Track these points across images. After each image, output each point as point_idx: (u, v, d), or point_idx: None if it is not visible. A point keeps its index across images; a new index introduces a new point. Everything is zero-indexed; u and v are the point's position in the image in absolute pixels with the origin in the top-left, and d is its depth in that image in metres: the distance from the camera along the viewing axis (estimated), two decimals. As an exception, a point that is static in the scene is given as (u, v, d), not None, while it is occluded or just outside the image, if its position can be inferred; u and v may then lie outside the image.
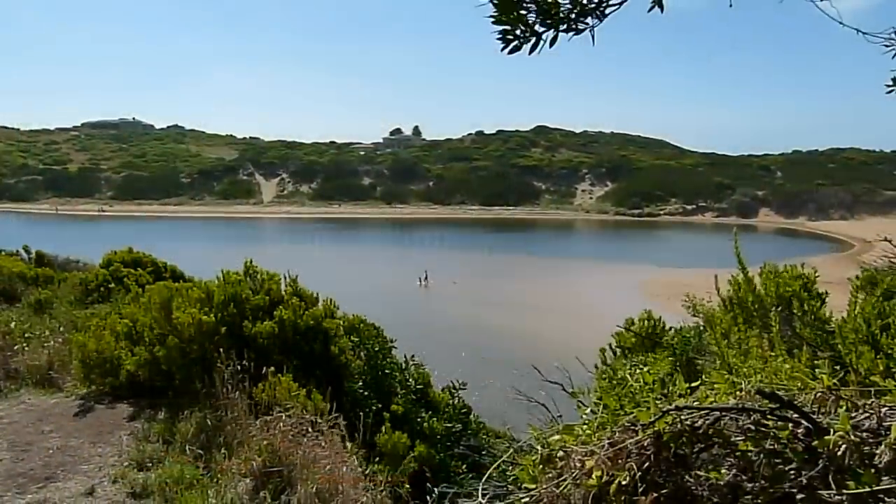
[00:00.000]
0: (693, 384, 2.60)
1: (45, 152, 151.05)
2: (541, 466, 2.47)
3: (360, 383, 7.29)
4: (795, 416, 2.24)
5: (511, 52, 2.57)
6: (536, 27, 2.59)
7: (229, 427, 5.68)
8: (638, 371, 3.27)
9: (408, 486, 5.74)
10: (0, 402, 6.88)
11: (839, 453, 2.07)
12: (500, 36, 2.61)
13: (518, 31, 2.59)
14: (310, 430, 5.36)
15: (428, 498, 3.69)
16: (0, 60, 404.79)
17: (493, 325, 42.25)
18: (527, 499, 2.41)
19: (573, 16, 2.59)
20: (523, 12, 2.57)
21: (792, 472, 2.15)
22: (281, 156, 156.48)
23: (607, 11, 2.62)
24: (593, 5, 2.61)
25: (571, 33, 2.62)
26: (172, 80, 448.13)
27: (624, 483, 2.21)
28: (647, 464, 2.26)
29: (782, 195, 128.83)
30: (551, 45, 2.60)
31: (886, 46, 3.26)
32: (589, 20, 2.62)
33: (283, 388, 5.89)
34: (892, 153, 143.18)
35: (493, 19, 2.60)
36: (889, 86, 3.46)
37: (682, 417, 2.31)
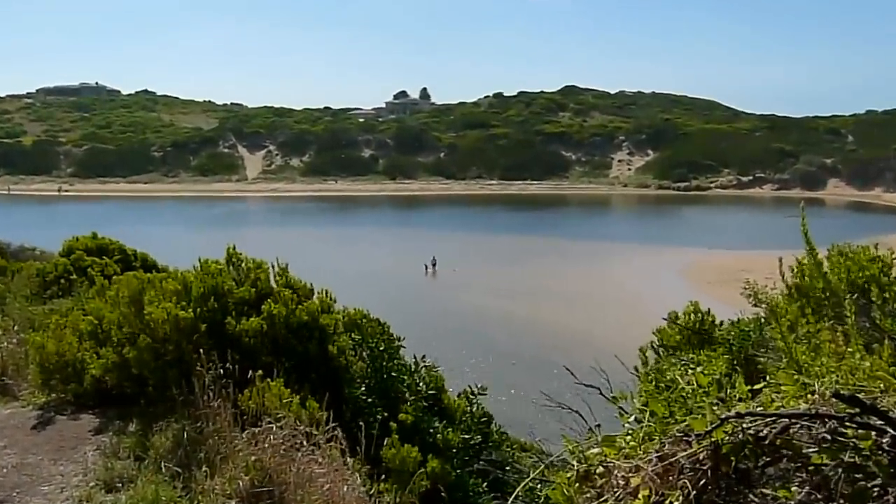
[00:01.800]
0: (755, 386, 2.59)
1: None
2: (577, 484, 2.45)
3: (363, 388, 7.31)
4: (879, 422, 2.21)
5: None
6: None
7: (211, 440, 5.68)
8: (690, 372, 3.24)
9: (419, 507, 5.75)
10: (-54, 414, 7.00)
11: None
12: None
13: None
14: (304, 443, 5.35)
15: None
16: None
17: (517, 319, 42.50)
18: (560, 523, 2.38)
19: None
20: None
21: (875, 489, 2.12)
22: (268, 125, 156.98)
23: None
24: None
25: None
26: (141, 39, 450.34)
27: (676, 504, 2.22)
28: (702, 481, 2.25)
29: (854, 163, 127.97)
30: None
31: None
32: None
33: (274, 394, 5.90)
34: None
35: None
36: None
37: (744, 426, 2.29)
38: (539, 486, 2.88)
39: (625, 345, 6.95)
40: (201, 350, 6.20)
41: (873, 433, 2.19)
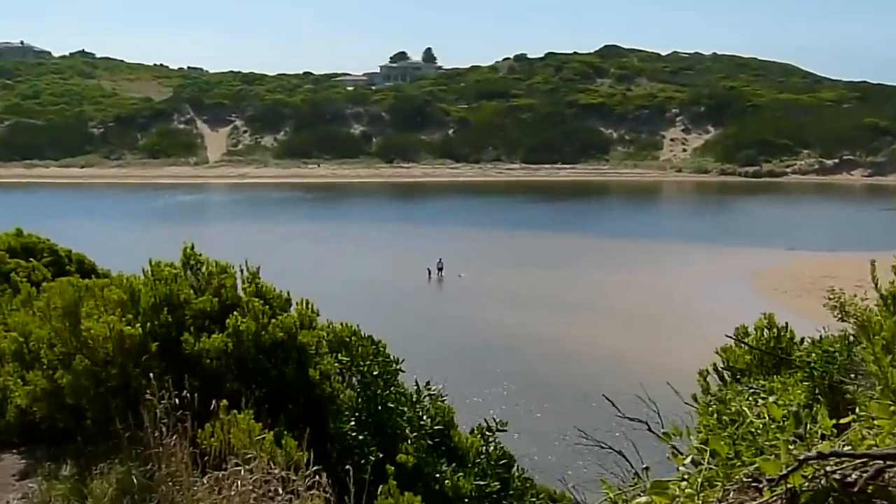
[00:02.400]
0: (842, 420, 2.61)
1: None
2: (619, 542, 2.46)
3: (353, 423, 7.24)
4: None
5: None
6: None
7: (164, 487, 5.62)
8: (761, 402, 3.24)
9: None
10: None
11: None
12: None
13: None
14: (280, 490, 5.34)
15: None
16: None
17: (543, 337, 42.57)
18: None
19: None
20: None
21: None
22: (233, 94, 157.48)
23: None
24: None
25: None
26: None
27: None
28: (776, 537, 2.25)
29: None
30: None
31: None
32: None
33: (242, 429, 5.88)
34: None
35: None
36: None
37: (828, 469, 2.29)
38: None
39: (679, 368, 6.96)
40: (152, 374, 6.17)
41: None
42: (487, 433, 8.31)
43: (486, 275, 58.79)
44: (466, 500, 7.29)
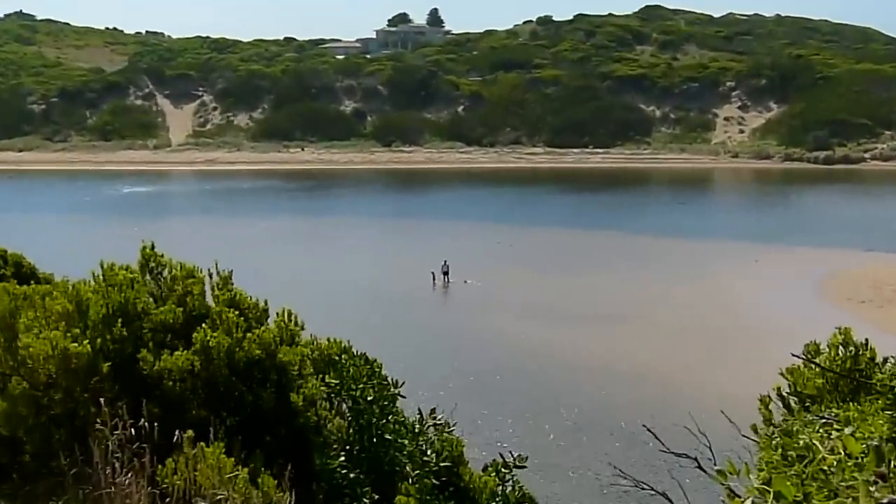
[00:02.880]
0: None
1: None
2: None
3: (343, 458, 7.24)
4: None
5: None
6: None
7: (117, 534, 5.65)
8: (834, 434, 3.22)
9: None
10: None
11: None
12: None
13: None
14: (257, 538, 5.31)
15: None
16: None
17: (570, 355, 42.43)
18: None
19: None
20: None
21: None
22: (200, 64, 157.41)
23: None
24: None
25: None
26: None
27: None
28: None
29: None
30: None
31: None
32: None
33: (210, 465, 5.88)
34: None
35: None
36: None
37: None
38: None
39: (736, 394, 6.95)
40: (102, 400, 6.18)
41: None
42: (504, 470, 8.29)
43: (502, 280, 58.53)
44: (479, 550, 7.27)
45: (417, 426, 8.00)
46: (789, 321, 41.87)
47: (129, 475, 5.91)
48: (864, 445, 2.93)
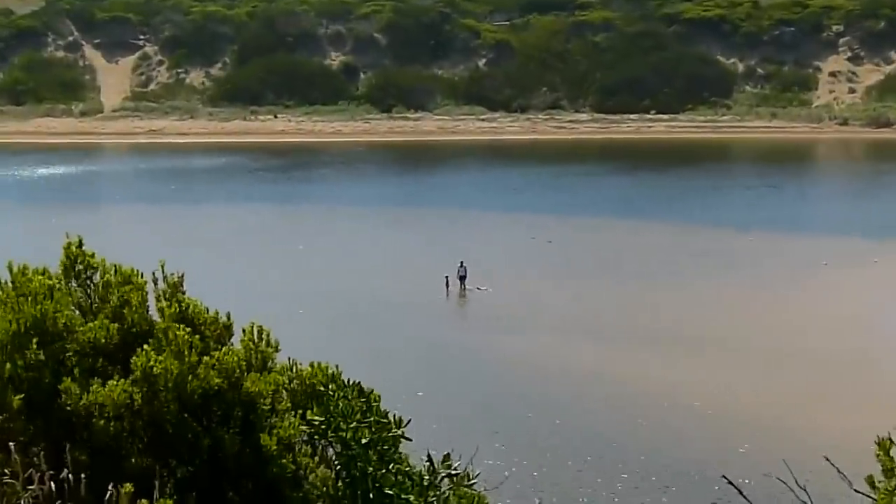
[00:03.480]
0: None
1: None
2: None
3: (329, 520, 6.94)
4: None
5: None
6: None
7: None
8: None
9: None
10: None
11: None
12: None
13: None
14: None
15: None
16: None
17: (625, 386, 40.01)
18: None
19: None
20: None
21: None
22: (142, 5, 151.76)
23: None
24: None
25: None
26: None
27: None
28: None
29: None
30: None
31: None
32: None
33: (155, 530, 5.73)
34: None
35: None
36: None
37: None
38: None
39: (845, 436, 6.91)
40: (13, 445, 6.23)
41: None
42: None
43: (536, 288, 56.77)
44: None
45: (427, 477, 7.84)
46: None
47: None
48: None
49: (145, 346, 7.10)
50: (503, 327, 50.34)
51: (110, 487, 5.98)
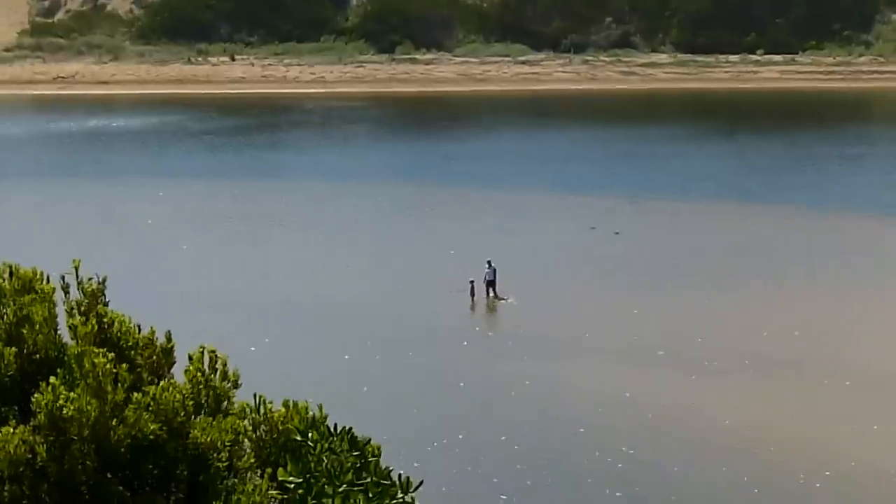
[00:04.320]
0: None
1: None
2: None
3: None
4: None
5: None
6: None
7: None
8: None
9: None
10: None
11: None
12: None
13: None
14: None
15: None
16: None
17: (706, 428, 33.32)
18: None
19: None
20: None
21: None
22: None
23: None
24: None
25: None
26: None
27: None
28: None
29: None
30: None
31: None
32: None
33: None
34: None
35: None
36: None
37: None
38: None
39: None
40: None
41: None
42: None
43: (595, 296, 46.79)
44: None
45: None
46: None
47: None
48: None
49: (52, 379, 6.66)
50: (543, 352, 41.54)
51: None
